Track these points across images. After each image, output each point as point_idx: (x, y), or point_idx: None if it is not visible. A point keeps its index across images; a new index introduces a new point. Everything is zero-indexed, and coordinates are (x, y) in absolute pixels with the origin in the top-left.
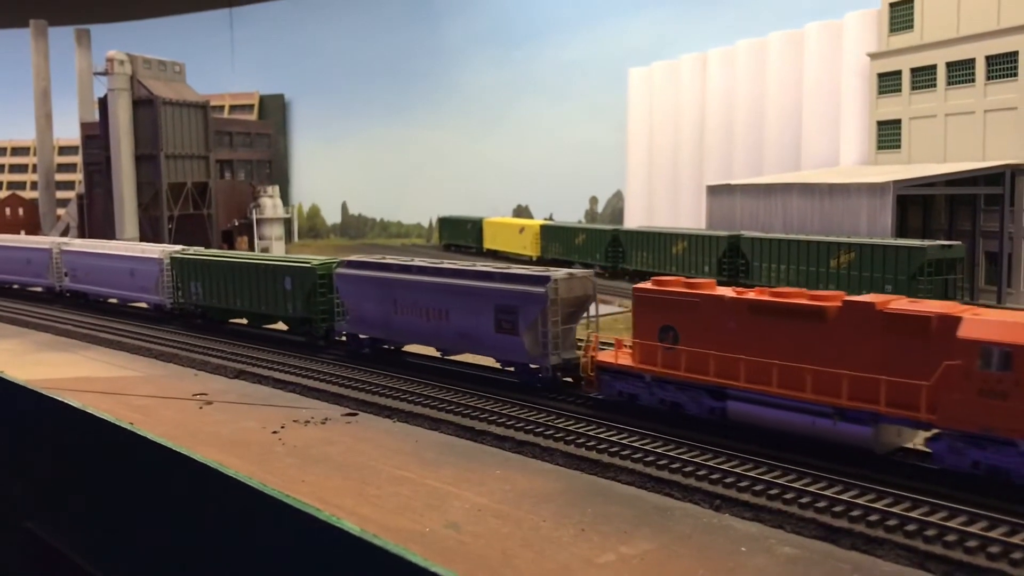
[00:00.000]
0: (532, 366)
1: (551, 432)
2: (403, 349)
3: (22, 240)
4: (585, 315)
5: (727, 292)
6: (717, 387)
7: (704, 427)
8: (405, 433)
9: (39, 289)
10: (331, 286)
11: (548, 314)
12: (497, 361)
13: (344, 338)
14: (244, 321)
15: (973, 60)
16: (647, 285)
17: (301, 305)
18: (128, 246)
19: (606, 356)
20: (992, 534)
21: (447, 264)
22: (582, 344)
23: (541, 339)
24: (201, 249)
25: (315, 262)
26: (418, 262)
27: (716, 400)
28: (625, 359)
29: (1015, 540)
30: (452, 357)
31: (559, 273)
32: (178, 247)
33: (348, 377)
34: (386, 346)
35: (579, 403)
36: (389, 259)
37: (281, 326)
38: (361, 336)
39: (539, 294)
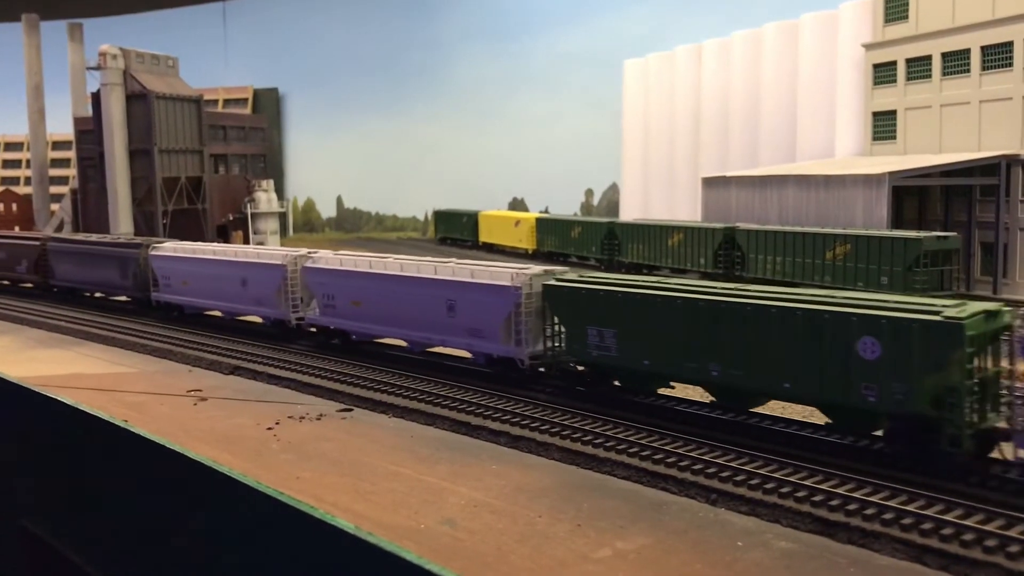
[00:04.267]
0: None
1: (547, 427)
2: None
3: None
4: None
5: None
6: None
7: (698, 423)
8: (400, 429)
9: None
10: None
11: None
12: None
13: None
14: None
15: (968, 50)
16: None
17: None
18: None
19: None
20: (989, 527)
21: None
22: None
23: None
24: (604, 275)
25: (950, 311)
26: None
27: None
28: None
29: (1012, 533)
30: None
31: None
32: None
33: (343, 372)
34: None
35: (572, 397)
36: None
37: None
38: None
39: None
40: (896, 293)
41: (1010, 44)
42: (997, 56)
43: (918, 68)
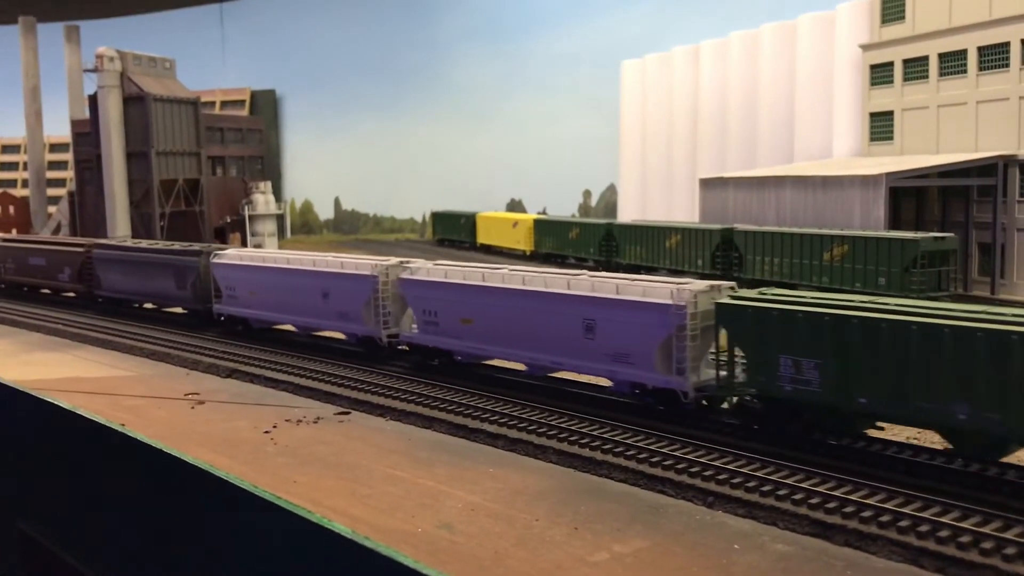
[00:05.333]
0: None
1: (544, 429)
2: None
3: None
4: None
5: None
6: None
7: (697, 423)
8: (398, 432)
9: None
10: None
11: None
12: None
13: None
14: None
15: (965, 51)
16: None
17: None
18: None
19: None
20: (985, 530)
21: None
22: None
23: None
24: (796, 293)
25: None
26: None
27: None
28: None
29: (1008, 536)
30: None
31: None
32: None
33: (341, 375)
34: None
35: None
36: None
37: None
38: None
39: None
40: (896, 294)
41: (1007, 45)
42: (994, 57)
43: (915, 69)
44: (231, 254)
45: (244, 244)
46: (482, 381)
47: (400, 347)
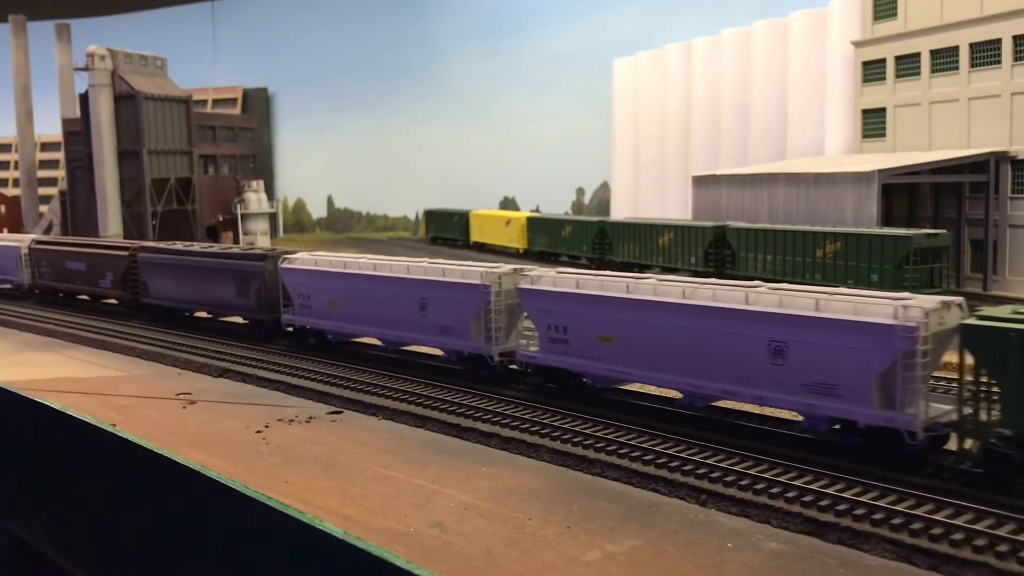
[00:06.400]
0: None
1: (537, 428)
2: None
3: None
4: None
5: None
6: None
7: (690, 422)
8: (390, 431)
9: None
10: None
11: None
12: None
13: None
14: None
15: (957, 48)
16: None
17: None
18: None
19: None
20: (978, 527)
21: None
22: None
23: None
24: None
25: None
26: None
27: None
28: None
29: (1001, 533)
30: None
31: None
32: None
33: (333, 375)
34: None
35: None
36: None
37: None
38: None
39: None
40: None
41: (998, 41)
42: (985, 53)
43: (907, 65)
44: (305, 259)
45: (236, 243)
46: (623, 409)
47: (512, 366)
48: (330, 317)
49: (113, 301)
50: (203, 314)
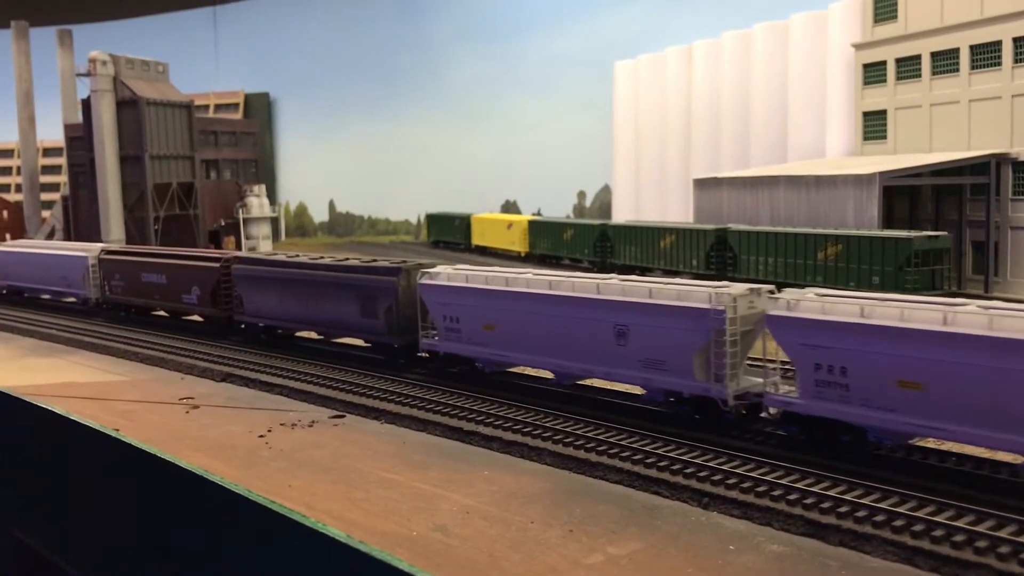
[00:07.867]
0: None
1: (539, 431)
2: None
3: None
4: None
5: None
6: None
7: (692, 425)
8: (393, 435)
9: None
10: None
11: None
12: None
13: None
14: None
15: (957, 50)
16: None
17: None
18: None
19: None
20: (980, 528)
21: None
22: None
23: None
24: None
25: None
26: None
27: None
28: None
29: (1003, 534)
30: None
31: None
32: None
33: (335, 379)
34: None
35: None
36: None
37: None
38: None
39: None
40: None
41: (998, 43)
42: (986, 55)
43: (908, 68)
44: (451, 273)
45: (239, 247)
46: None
47: (742, 411)
48: (487, 344)
49: (198, 318)
50: (311, 334)
